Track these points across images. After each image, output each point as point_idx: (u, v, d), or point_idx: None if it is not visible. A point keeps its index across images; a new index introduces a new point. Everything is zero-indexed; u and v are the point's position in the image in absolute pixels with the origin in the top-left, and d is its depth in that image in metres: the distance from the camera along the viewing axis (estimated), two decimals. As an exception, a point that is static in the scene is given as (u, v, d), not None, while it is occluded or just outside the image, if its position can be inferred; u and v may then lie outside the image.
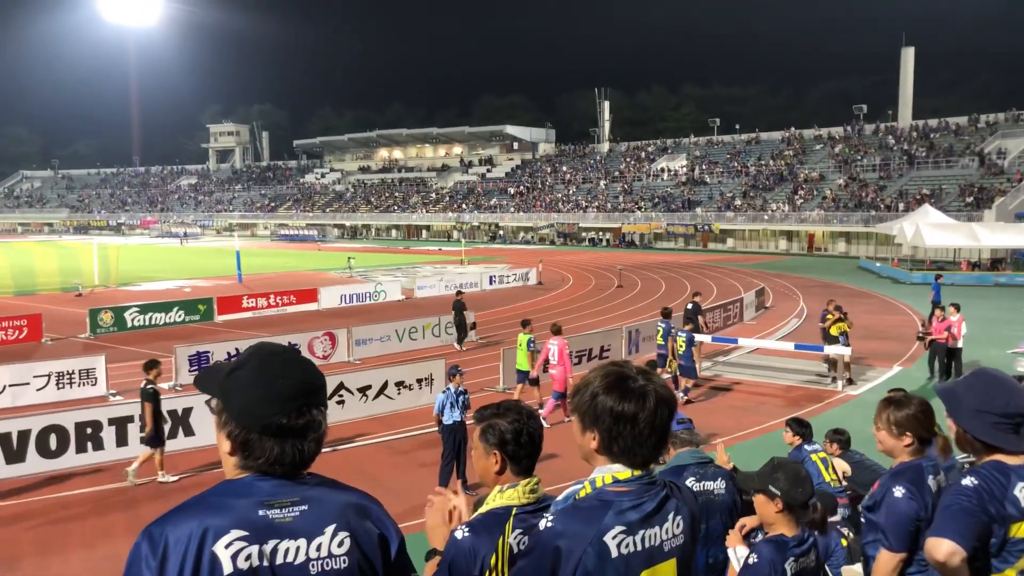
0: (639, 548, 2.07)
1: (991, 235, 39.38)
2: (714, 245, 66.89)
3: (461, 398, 10.02)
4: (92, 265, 38.66)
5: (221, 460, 1.83)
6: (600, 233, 75.13)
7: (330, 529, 1.75)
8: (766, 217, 65.02)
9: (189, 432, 11.73)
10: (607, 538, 2.03)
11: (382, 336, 20.14)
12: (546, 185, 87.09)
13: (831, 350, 15.92)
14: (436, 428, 10.50)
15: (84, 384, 14.91)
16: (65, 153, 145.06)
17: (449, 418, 9.92)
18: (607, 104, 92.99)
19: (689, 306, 18.65)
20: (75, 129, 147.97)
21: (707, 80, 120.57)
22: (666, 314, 16.23)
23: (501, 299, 31.14)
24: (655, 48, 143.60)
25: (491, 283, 35.30)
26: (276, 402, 1.74)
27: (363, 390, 13.70)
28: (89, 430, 10.82)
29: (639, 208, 74.21)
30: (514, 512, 2.40)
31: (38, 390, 14.56)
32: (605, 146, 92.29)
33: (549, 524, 2.06)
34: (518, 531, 2.33)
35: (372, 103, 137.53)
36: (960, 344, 15.41)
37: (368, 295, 30.98)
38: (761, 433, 12.61)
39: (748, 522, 3.75)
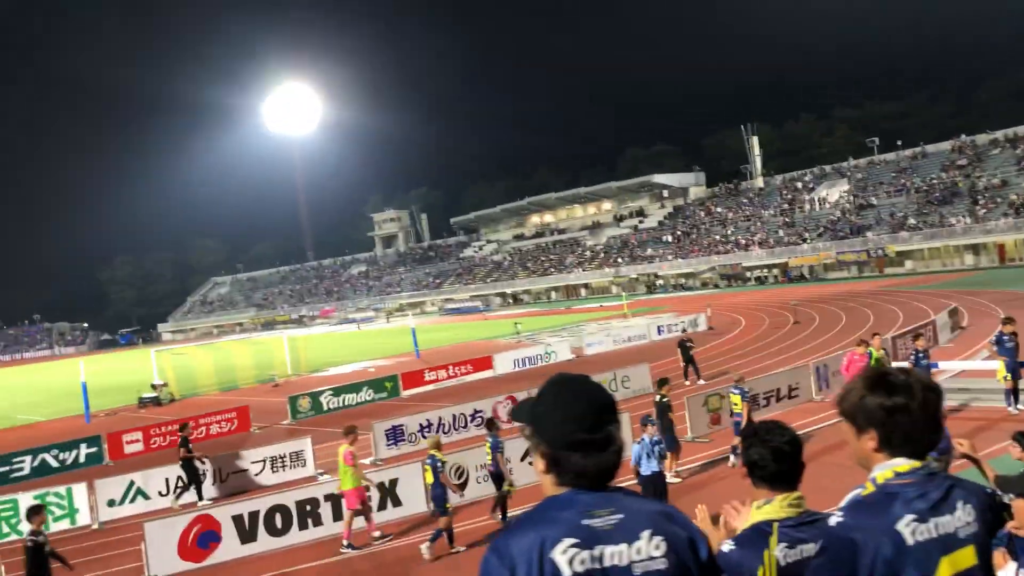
0: (933, 535, 2.14)
1: None
2: (891, 269, 63.07)
3: (657, 448, 9.96)
4: (283, 356, 41.54)
5: (540, 480, 2.08)
6: (766, 270, 72.75)
7: (646, 534, 1.93)
8: (945, 233, 60.76)
9: (397, 503, 12.29)
10: (900, 527, 2.12)
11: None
12: (702, 228, 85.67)
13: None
14: (634, 480, 10.47)
15: (295, 466, 15.99)
16: (247, 257, 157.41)
17: (647, 469, 9.87)
18: (756, 139, 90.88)
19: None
20: (253, 234, 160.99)
21: (858, 99, 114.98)
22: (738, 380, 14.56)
23: (672, 349, 30.68)
24: (797, 74, 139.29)
25: (659, 333, 34.89)
26: (575, 421, 1.98)
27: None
28: (308, 507, 11.59)
29: (804, 240, 71.40)
30: (776, 526, 2.48)
31: (255, 475, 15.75)
32: (759, 181, 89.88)
33: (840, 520, 2.19)
34: (783, 544, 2.42)
35: (520, 172, 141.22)
36: None
37: (539, 357, 31.43)
38: (987, 459, 11.65)
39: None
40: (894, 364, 16.99)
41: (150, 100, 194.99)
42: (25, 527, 10.39)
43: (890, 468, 2.21)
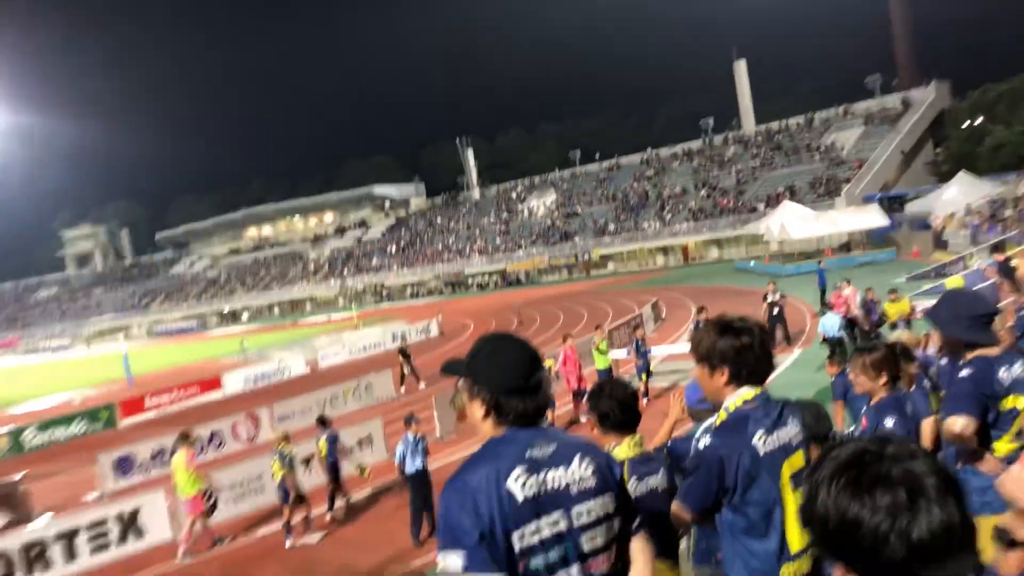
0: (778, 445, 2.66)
1: (847, 219, 42.57)
2: (596, 271, 68.90)
3: (420, 444, 10.20)
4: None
5: (474, 425, 2.32)
6: (486, 276, 76.07)
7: (577, 458, 2.23)
8: (640, 237, 67.65)
9: (139, 535, 11.35)
10: (755, 441, 2.62)
11: (303, 409, 19.92)
12: (425, 238, 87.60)
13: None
14: (400, 478, 10.63)
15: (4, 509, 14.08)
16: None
17: (411, 467, 10.05)
18: (471, 152, 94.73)
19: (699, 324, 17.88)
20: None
21: (560, 116, 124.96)
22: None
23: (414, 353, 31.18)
24: (507, 93, 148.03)
25: (394, 340, 35.17)
26: (513, 369, 2.26)
27: (306, 461, 13.59)
28: (35, 551, 10.35)
29: (520, 247, 75.71)
30: (627, 463, 2.91)
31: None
32: (476, 192, 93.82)
33: (708, 442, 2.65)
34: (633, 477, 2.86)
35: (233, 182, 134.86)
36: (857, 313, 16.85)
37: (272, 374, 30.39)
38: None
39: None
40: (615, 352, 18.80)
41: None
42: None
43: (739, 397, 2.71)
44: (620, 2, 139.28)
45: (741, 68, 76.92)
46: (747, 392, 2.71)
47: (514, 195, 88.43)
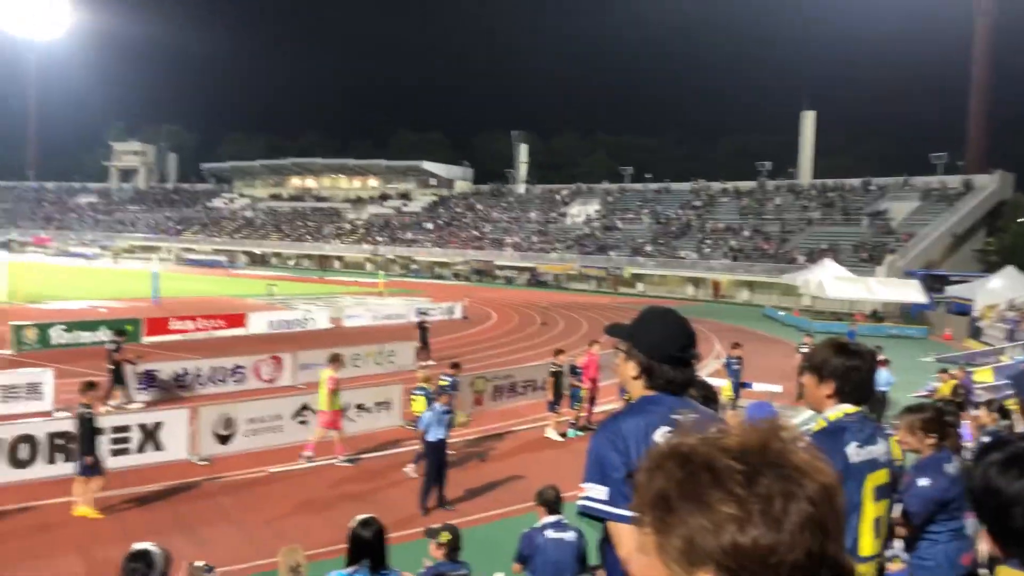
0: (867, 458, 2.92)
1: (885, 289, 42.31)
2: (624, 289, 68.87)
3: (446, 416, 10.44)
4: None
5: (625, 383, 2.55)
6: (515, 271, 76.29)
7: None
8: (675, 264, 67.52)
9: (158, 447, 11.70)
10: (848, 449, 2.87)
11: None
12: (463, 222, 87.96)
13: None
14: (416, 448, 10.88)
15: (31, 398, 14.52)
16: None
17: (434, 436, 10.29)
18: (524, 147, 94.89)
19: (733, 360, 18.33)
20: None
21: (617, 128, 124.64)
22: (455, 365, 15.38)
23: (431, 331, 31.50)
24: (569, 95, 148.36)
25: (418, 314, 35.49)
26: (674, 341, 2.47)
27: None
28: (60, 441, 10.72)
29: (554, 249, 75.85)
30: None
31: (-20, 403, 14.10)
32: (521, 187, 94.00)
33: None
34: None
35: (285, 130, 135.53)
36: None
37: (296, 322, 30.81)
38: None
39: None
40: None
41: None
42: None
43: (840, 410, 2.97)
44: (698, 33, 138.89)
45: (809, 118, 76.54)
46: (848, 407, 2.97)
47: (559, 197, 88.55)
